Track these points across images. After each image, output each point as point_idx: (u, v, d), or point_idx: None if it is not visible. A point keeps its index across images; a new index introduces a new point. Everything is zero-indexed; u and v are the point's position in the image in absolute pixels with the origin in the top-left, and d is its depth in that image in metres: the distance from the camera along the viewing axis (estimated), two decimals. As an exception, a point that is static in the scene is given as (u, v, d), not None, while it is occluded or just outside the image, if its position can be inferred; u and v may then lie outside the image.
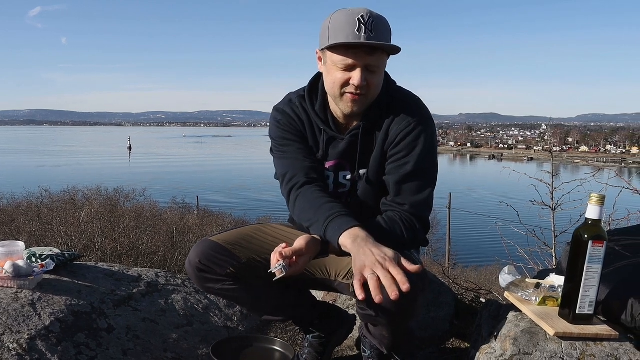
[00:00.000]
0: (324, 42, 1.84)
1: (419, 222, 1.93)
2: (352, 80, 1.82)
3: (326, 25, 1.82)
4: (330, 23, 1.81)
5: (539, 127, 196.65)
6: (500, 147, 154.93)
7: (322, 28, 1.85)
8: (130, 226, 9.10)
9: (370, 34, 1.76)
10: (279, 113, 2.06)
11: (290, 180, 1.99)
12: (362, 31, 1.75)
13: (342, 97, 1.89)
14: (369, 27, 1.76)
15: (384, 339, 2.06)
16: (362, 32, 1.75)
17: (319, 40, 1.88)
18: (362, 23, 1.75)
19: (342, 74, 1.84)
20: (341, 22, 1.78)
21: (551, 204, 4.12)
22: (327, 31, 1.82)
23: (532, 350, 1.71)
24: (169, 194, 22.27)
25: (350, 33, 1.76)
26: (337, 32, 1.78)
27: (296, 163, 2.00)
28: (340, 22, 1.79)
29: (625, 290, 1.89)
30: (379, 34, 1.78)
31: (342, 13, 1.81)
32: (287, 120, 2.04)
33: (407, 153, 1.92)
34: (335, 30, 1.79)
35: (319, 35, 1.87)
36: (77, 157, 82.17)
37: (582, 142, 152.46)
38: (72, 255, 2.58)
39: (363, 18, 1.76)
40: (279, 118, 2.06)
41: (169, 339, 2.38)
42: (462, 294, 3.56)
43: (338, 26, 1.78)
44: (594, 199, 1.71)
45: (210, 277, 2.00)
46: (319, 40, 1.88)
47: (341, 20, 1.79)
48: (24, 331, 2.00)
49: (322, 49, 1.87)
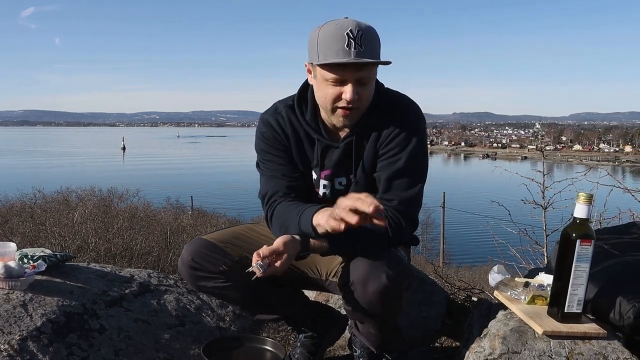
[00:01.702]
0: (313, 57, 1.84)
1: (406, 220, 1.94)
2: (344, 95, 1.83)
3: (314, 39, 1.82)
4: (319, 38, 1.81)
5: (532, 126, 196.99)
6: (494, 146, 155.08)
7: (310, 41, 1.85)
8: (124, 227, 9.08)
9: (360, 49, 1.76)
10: (264, 125, 2.07)
11: (269, 200, 2.02)
12: (352, 47, 1.75)
13: (334, 112, 1.90)
14: (358, 41, 1.76)
15: (371, 336, 2.08)
16: (352, 48, 1.75)
17: (307, 52, 1.88)
18: (351, 38, 1.75)
19: (333, 89, 1.84)
20: (330, 37, 1.78)
21: (542, 203, 4.14)
22: (316, 47, 1.81)
23: (520, 349, 1.72)
24: (163, 195, 22.19)
25: (340, 49, 1.76)
26: (326, 49, 1.78)
27: (276, 182, 2.02)
28: (329, 37, 1.78)
29: (614, 288, 1.91)
30: (369, 47, 1.78)
31: (330, 27, 1.80)
32: (271, 134, 2.05)
33: (400, 150, 1.94)
34: (325, 47, 1.79)
35: (308, 48, 1.87)
36: (71, 158, 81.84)
37: (575, 141, 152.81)
38: (64, 256, 2.58)
39: (352, 32, 1.76)
40: (263, 130, 2.07)
41: (161, 339, 2.38)
42: (455, 293, 3.57)
43: (327, 42, 1.78)
44: (581, 198, 1.73)
45: (202, 275, 2.02)
46: (308, 52, 1.87)
47: (329, 35, 1.78)
48: (15, 332, 2.00)
49: (312, 64, 1.87)
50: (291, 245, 1.80)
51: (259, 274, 1.75)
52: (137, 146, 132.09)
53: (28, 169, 56.12)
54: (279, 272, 1.79)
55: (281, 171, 2.03)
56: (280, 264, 1.78)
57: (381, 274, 1.78)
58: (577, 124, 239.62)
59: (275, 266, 1.77)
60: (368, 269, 1.80)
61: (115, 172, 53.49)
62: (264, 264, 1.75)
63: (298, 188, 2.02)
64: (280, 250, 1.77)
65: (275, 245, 1.78)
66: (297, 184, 2.02)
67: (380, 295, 1.80)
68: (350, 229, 1.78)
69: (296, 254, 1.83)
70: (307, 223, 1.82)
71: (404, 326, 2.65)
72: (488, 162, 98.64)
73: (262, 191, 2.06)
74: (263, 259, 1.75)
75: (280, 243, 1.78)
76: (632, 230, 2.37)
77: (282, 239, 1.79)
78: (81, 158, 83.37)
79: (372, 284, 1.79)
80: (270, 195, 2.01)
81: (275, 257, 1.78)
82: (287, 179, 2.02)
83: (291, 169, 2.04)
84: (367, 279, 1.80)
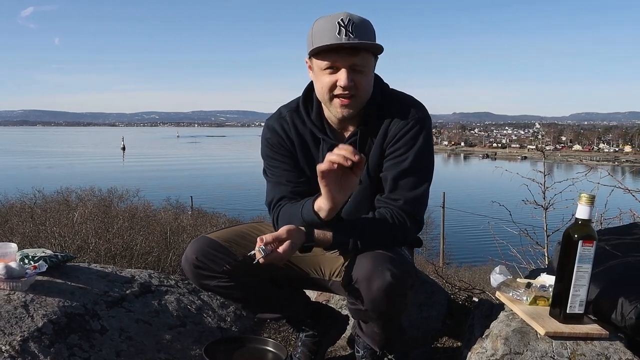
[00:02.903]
0: (309, 49, 1.88)
1: (411, 220, 1.94)
2: (339, 81, 1.85)
3: (310, 33, 1.87)
4: (313, 30, 1.86)
5: (532, 126, 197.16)
6: (494, 146, 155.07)
7: (307, 37, 1.89)
8: (124, 227, 9.06)
9: (350, 35, 1.80)
10: (269, 131, 2.09)
11: (274, 206, 2.04)
12: (343, 33, 1.79)
13: (331, 102, 1.91)
14: (349, 29, 1.79)
15: (375, 335, 2.07)
16: (343, 35, 1.79)
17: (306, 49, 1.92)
18: (342, 26, 1.79)
19: (328, 77, 1.86)
20: (322, 27, 1.83)
21: (543, 203, 4.14)
22: (310, 38, 1.86)
23: (523, 349, 1.72)
24: (163, 195, 22.17)
25: (331, 37, 1.80)
26: (319, 37, 1.83)
27: (281, 188, 2.04)
28: (322, 27, 1.83)
29: (615, 289, 1.91)
30: (360, 35, 1.81)
31: (323, 19, 1.85)
32: (276, 140, 2.07)
33: (406, 150, 1.94)
34: (318, 37, 1.83)
35: (306, 44, 1.91)
36: (71, 158, 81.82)
37: (575, 141, 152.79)
38: (65, 256, 2.57)
39: (343, 21, 1.80)
40: (268, 136, 2.09)
41: (162, 339, 2.38)
42: (455, 294, 3.57)
43: (319, 32, 1.83)
44: (583, 199, 1.73)
45: (206, 273, 2.02)
46: (307, 49, 1.91)
47: (322, 26, 1.84)
48: (16, 333, 2.00)
49: (310, 57, 1.91)
50: (295, 234, 1.82)
51: (260, 258, 1.75)
52: (137, 146, 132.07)
53: (28, 169, 56.13)
54: (281, 259, 1.79)
55: (286, 177, 2.05)
56: (283, 250, 1.78)
57: (385, 271, 1.78)
58: (577, 124, 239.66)
59: (278, 252, 1.77)
60: (372, 267, 1.80)
61: (115, 172, 53.46)
62: (267, 249, 1.75)
63: (303, 193, 2.01)
64: (284, 237, 1.78)
65: (279, 232, 1.79)
66: (302, 189, 2.03)
67: (385, 293, 1.79)
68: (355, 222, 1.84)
69: (300, 243, 1.84)
70: (309, 210, 1.85)
71: (405, 327, 2.66)
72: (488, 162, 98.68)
73: (267, 198, 2.08)
74: (266, 244, 1.75)
75: (284, 230, 1.80)
76: (633, 230, 2.37)
77: (286, 227, 1.81)
78: (81, 158, 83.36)
79: (377, 281, 1.79)
80: (276, 201, 2.03)
81: (278, 244, 1.78)
82: (292, 184, 2.03)
83: (296, 175, 2.05)
84: (372, 276, 1.80)
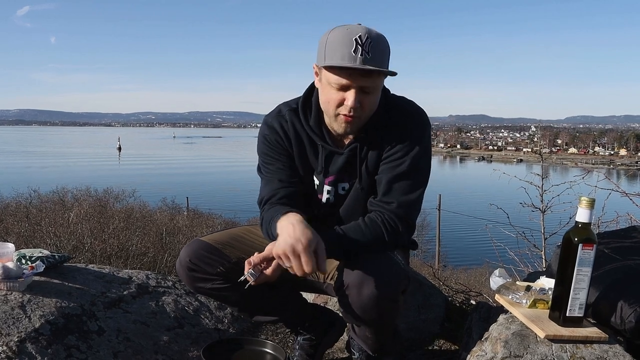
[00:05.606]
0: (320, 59, 1.82)
1: (402, 224, 1.92)
2: (346, 101, 1.81)
3: (324, 42, 1.80)
4: (328, 41, 1.79)
5: (528, 128, 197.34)
6: (490, 148, 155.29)
7: (320, 43, 1.83)
8: (119, 227, 9.04)
9: (366, 56, 1.74)
10: (268, 128, 2.05)
11: (263, 205, 2.01)
12: (359, 53, 1.73)
13: (336, 118, 1.88)
14: (366, 48, 1.73)
15: (368, 339, 2.07)
16: (359, 54, 1.73)
17: (317, 54, 1.86)
18: (359, 44, 1.73)
19: (336, 93, 1.82)
20: (338, 41, 1.76)
21: (541, 207, 4.15)
22: (324, 49, 1.80)
23: (522, 352, 1.72)
24: (159, 195, 22.14)
25: (346, 54, 1.74)
26: (333, 51, 1.77)
27: (272, 187, 2.01)
28: (337, 41, 1.76)
29: (615, 292, 1.91)
30: (376, 56, 1.76)
31: (340, 31, 1.78)
32: (274, 137, 2.04)
33: (404, 154, 1.92)
34: (332, 50, 1.77)
35: (317, 50, 1.85)
36: (67, 158, 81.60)
37: (571, 144, 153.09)
38: (63, 257, 2.56)
39: (360, 39, 1.73)
40: (266, 133, 2.05)
41: (159, 341, 2.37)
42: (453, 296, 3.57)
43: (335, 46, 1.76)
44: (584, 203, 1.72)
45: (200, 276, 2.02)
46: (317, 54, 1.85)
47: (338, 39, 1.77)
48: (13, 334, 1.99)
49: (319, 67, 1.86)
50: None
51: (252, 282, 1.78)
52: (133, 146, 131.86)
53: (23, 168, 55.94)
54: (271, 279, 1.81)
55: (279, 176, 2.02)
56: (272, 271, 1.79)
57: (376, 278, 1.77)
58: (573, 127, 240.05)
59: (266, 273, 1.79)
60: (363, 273, 1.78)
61: (111, 172, 53.32)
62: (256, 272, 1.78)
63: (294, 194, 2.00)
64: (271, 256, 1.77)
65: (266, 252, 1.78)
66: (293, 190, 2.00)
67: (375, 300, 1.78)
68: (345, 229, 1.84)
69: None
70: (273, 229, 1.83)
71: (403, 329, 2.65)
72: (484, 164, 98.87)
73: (259, 196, 2.05)
74: (254, 267, 1.77)
75: (270, 249, 1.77)
76: (632, 234, 2.37)
77: (272, 245, 1.78)
78: (77, 158, 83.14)
79: (367, 288, 1.77)
80: (266, 200, 2.00)
81: (267, 264, 1.79)
82: (284, 184, 2.00)
83: (290, 174, 2.03)
84: (362, 283, 1.78)
